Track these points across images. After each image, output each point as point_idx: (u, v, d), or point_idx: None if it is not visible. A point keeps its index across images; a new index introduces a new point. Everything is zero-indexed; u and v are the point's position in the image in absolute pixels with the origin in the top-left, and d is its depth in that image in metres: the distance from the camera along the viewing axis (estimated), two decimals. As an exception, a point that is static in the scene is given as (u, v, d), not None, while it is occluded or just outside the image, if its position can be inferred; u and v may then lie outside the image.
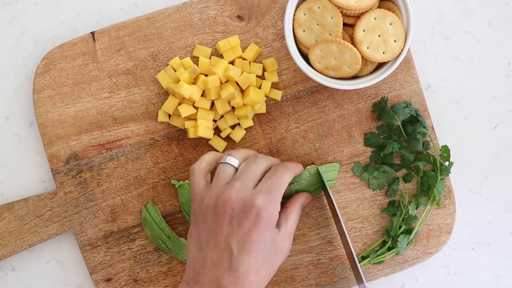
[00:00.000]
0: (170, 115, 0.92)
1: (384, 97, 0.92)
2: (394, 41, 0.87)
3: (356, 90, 0.93)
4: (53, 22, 0.95)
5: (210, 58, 0.93)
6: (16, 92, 0.95)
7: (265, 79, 0.93)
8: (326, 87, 0.93)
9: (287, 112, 0.93)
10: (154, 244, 0.92)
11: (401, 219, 0.91)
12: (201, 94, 0.90)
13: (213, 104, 0.92)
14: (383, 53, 0.87)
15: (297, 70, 0.93)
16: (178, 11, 0.92)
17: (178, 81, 0.91)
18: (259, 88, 0.92)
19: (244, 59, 0.92)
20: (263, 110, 0.92)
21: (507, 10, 0.96)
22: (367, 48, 0.86)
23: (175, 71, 0.91)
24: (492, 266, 0.96)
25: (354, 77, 0.90)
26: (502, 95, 0.96)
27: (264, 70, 0.93)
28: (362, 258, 0.93)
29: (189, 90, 0.88)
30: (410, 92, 0.93)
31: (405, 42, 0.87)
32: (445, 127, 0.96)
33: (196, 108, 0.91)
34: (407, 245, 0.91)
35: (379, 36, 0.86)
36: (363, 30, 0.86)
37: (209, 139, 0.92)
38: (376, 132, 0.93)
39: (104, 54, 0.92)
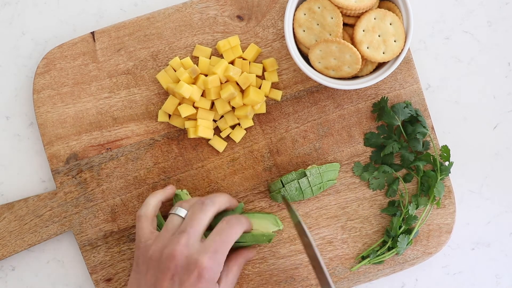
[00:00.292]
0: (170, 115, 0.92)
1: (384, 97, 0.92)
2: (394, 41, 0.87)
3: (356, 90, 0.93)
4: (53, 22, 0.95)
5: (210, 58, 0.92)
6: (16, 92, 0.95)
7: (265, 79, 0.93)
8: (326, 87, 0.93)
9: (287, 112, 0.93)
10: None
11: (401, 219, 0.91)
12: (201, 94, 0.90)
13: (213, 104, 0.92)
14: (383, 53, 0.87)
15: (297, 70, 0.93)
16: (178, 11, 0.92)
17: (178, 81, 0.91)
18: (259, 88, 0.92)
19: (244, 59, 0.92)
20: (263, 110, 0.92)
21: (507, 10, 0.96)
22: (367, 48, 0.86)
23: (175, 71, 0.91)
24: (492, 266, 0.96)
25: (354, 77, 0.90)
26: (502, 95, 0.96)
27: (264, 70, 0.93)
28: (362, 258, 0.93)
29: (189, 90, 0.88)
30: (410, 92, 0.93)
31: (405, 42, 0.87)
32: (445, 127, 0.96)
33: (196, 108, 0.91)
34: (407, 245, 0.91)
35: (379, 36, 0.86)
36: (363, 30, 0.86)
37: (209, 139, 0.92)
38: (376, 132, 0.93)
39: (104, 54, 0.92)
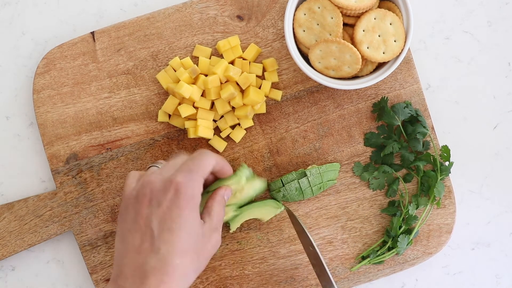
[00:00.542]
0: (170, 115, 0.92)
1: (384, 97, 0.92)
2: (394, 41, 0.87)
3: (356, 90, 0.93)
4: (53, 22, 0.95)
5: (210, 58, 0.92)
6: (16, 92, 0.95)
7: (265, 79, 0.93)
8: (326, 87, 0.93)
9: (287, 112, 0.93)
10: None
11: (401, 219, 0.91)
12: (201, 94, 0.90)
13: (213, 104, 0.92)
14: (383, 53, 0.87)
15: (297, 70, 0.93)
16: (178, 11, 0.92)
17: (178, 81, 0.91)
18: (259, 88, 0.92)
19: (244, 59, 0.92)
20: (263, 110, 0.92)
21: (507, 10, 0.96)
22: (367, 48, 0.86)
23: (175, 71, 0.91)
24: (492, 266, 0.96)
25: (354, 77, 0.90)
26: (502, 95, 0.96)
27: (264, 70, 0.93)
28: (362, 258, 0.93)
29: (189, 90, 0.88)
30: (410, 92, 0.93)
31: (405, 42, 0.87)
32: (445, 127, 0.96)
33: (196, 108, 0.91)
34: (407, 245, 0.91)
35: (379, 36, 0.86)
36: (363, 30, 0.86)
37: (209, 139, 0.92)
38: (376, 132, 0.93)
39: (104, 54, 0.92)
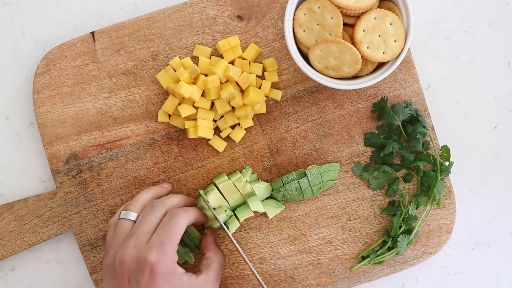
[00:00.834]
0: (170, 115, 0.92)
1: (384, 97, 0.92)
2: (394, 41, 0.87)
3: (356, 90, 0.93)
4: (53, 22, 0.95)
5: (210, 58, 0.92)
6: (16, 92, 0.95)
7: (265, 79, 0.93)
8: (326, 87, 0.93)
9: (287, 112, 0.93)
10: None
11: (401, 219, 0.91)
12: (201, 94, 0.90)
13: (213, 104, 0.92)
14: (383, 53, 0.87)
15: (297, 70, 0.93)
16: (178, 11, 0.92)
17: (178, 81, 0.91)
18: (259, 88, 0.92)
19: (244, 59, 0.92)
20: (263, 110, 0.92)
21: (507, 10, 0.96)
22: (367, 48, 0.86)
23: (175, 71, 0.91)
24: (492, 266, 0.96)
25: (354, 77, 0.90)
26: (502, 95, 0.96)
27: (264, 70, 0.93)
28: (362, 258, 0.93)
29: (189, 90, 0.88)
30: (410, 92, 0.93)
31: (405, 42, 0.87)
32: (445, 127, 0.96)
33: (196, 108, 0.91)
34: (407, 245, 0.91)
35: (379, 36, 0.86)
36: (363, 30, 0.86)
37: (209, 139, 0.92)
38: (376, 132, 0.93)
39: (104, 54, 0.92)
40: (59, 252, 0.95)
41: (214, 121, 0.92)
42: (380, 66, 0.89)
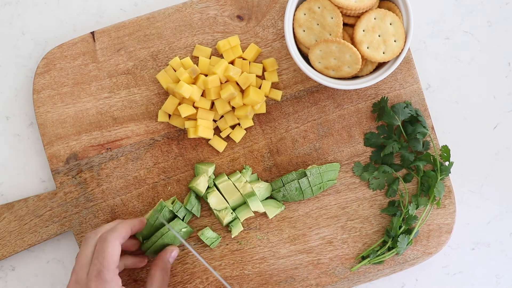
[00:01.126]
0: (170, 115, 0.92)
1: (384, 97, 0.92)
2: (394, 41, 0.87)
3: (356, 90, 0.93)
4: (53, 22, 0.95)
5: (210, 58, 0.93)
6: (16, 92, 0.95)
7: (265, 79, 0.93)
8: (326, 87, 0.93)
9: (287, 112, 0.93)
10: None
11: (401, 219, 0.91)
12: (201, 94, 0.90)
13: (213, 104, 0.92)
14: (383, 53, 0.87)
15: (297, 70, 0.93)
16: (178, 11, 0.92)
17: (178, 81, 0.91)
18: (259, 88, 0.92)
19: (244, 59, 0.92)
20: (263, 110, 0.92)
21: (507, 10, 0.96)
22: (367, 48, 0.86)
23: (175, 71, 0.91)
24: (492, 266, 0.96)
25: (354, 77, 0.90)
26: (502, 95, 0.96)
27: (264, 70, 0.93)
28: (362, 258, 0.93)
29: (189, 90, 0.88)
30: (410, 92, 0.93)
31: (405, 42, 0.87)
32: (445, 127, 0.96)
33: (196, 108, 0.91)
34: (407, 245, 0.91)
35: (379, 36, 0.86)
36: (363, 30, 0.86)
37: (209, 139, 0.92)
38: (376, 132, 0.93)
39: (104, 54, 0.92)
40: (59, 252, 0.95)
41: (214, 121, 0.92)
42: (380, 66, 0.89)
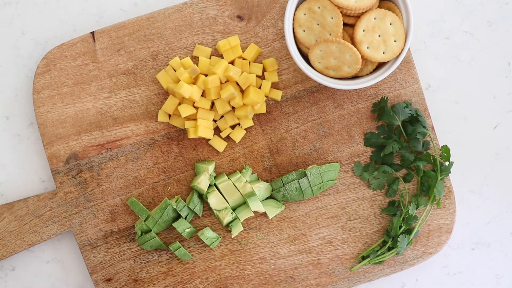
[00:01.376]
0: (170, 115, 0.92)
1: (384, 97, 0.92)
2: (394, 41, 0.87)
3: (356, 90, 0.93)
4: (53, 22, 0.95)
5: (210, 58, 0.93)
6: (16, 92, 0.95)
7: (265, 79, 0.93)
8: (326, 87, 0.93)
9: (287, 112, 0.93)
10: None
11: (401, 219, 0.91)
12: (201, 94, 0.90)
13: (213, 104, 0.92)
14: (383, 53, 0.87)
15: (297, 70, 0.93)
16: (178, 11, 0.92)
17: (178, 81, 0.91)
18: (259, 88, 0.92)
19: (244, 59, 0.92)
20: (263, 110, 0.92)
21: (507, 10, 0.96)
22: (367, 48, 0.86)
23: (175, 71, 0.91)
24: (492, 266, 0.96)
25: (354, 77, 0.90)
26: (502, 95, 0.96)
27: (264, 70, 0.93)
28: (362, 258, 0.93)
29: (189, 90, 0.88)
30: (410, 92, 0.93)
31: (405, 42, 0.87)
32: (445, 127, 0.96)
33: (196, 108, 0.91)
34: (407, 245, 0.91)
35: (379, 36, 0.86)
36: (363, 30, 0.86)
37: (209, 139, 0.92)
38: (376, 132, 0.93)
39: (104, 54, 0.92)
40: (59, 252, 0.95)
41: (214, 121, 0.92)
42: (380, 66, 0.89)
